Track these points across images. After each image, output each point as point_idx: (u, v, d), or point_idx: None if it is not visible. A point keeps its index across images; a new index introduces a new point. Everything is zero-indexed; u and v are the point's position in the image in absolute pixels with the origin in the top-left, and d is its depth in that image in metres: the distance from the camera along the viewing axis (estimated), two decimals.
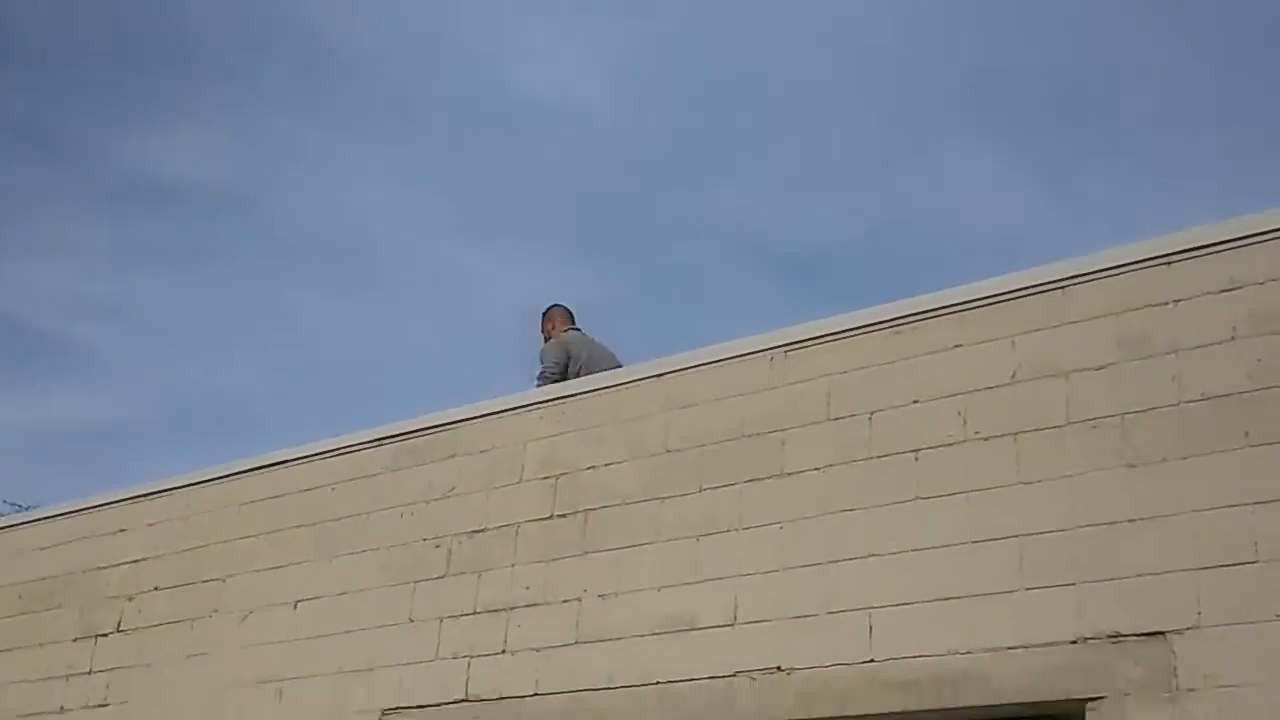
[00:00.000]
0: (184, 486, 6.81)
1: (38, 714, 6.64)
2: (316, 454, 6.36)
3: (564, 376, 7.17)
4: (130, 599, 6.63)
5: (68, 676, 6.65)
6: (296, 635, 5.91)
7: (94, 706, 6.45)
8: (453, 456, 5.86)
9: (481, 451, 5.77)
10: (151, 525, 6.78)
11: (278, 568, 6.18)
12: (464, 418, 5.91)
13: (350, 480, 6.14)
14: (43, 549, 7.17)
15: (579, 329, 7.87)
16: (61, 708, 6.58)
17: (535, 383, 7.23)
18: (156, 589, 6.56)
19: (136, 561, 6.74)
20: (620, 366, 7.08)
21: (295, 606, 5.99)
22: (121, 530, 6.89)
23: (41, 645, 6.85)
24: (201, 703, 6.04)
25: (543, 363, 7.50)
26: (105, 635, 6.62)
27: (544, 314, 8.00)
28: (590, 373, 7.02)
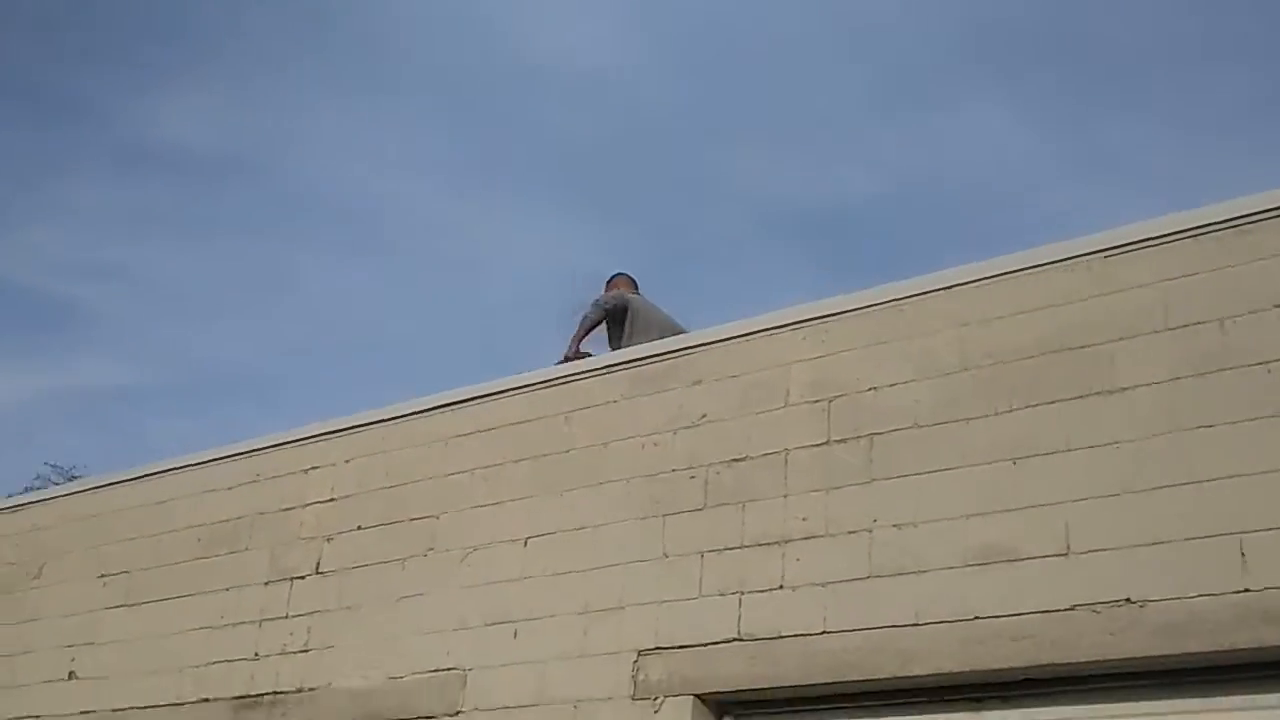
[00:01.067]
0: (378, 423, 6.40)
1: (228, 660, 6.25)
2: (530, 385, 5.95)
3: (607, 320, 7.75)
4: (329, 539, 6.23)
5: (260, 622, 6.25)
6: (530, 573, 5.50)
7: (294, 652, 6.06)
8: (699, 382, 5.43)
9: (733, 376, 5.34)
10: (348, 462, 6.37)
11: (497, 503, 5.76)
12: (709, 341, 5.48)
13: (578, 411, 5.72)
14: (222, 490, 6.77)
15: (641, 295, 8.11)
16: (256, 653, 6.18)
17: (578, 314, 7.80)
18: (359, 528, 6.15)
19: (331, 500, 6.34)
20: (679, 329, 7.36)
21: (525, 544, 5.58)
22: (312, 468, 6.49)
23: (227, 590, 6.46)
24: (422, 645, 5.63)
25: (596, 303, 7.89)
26: (302, 578, 6.23)
27: (609, 280, 8.26)
28: (647, 331, 7.42)
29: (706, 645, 4.93)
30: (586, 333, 7.89)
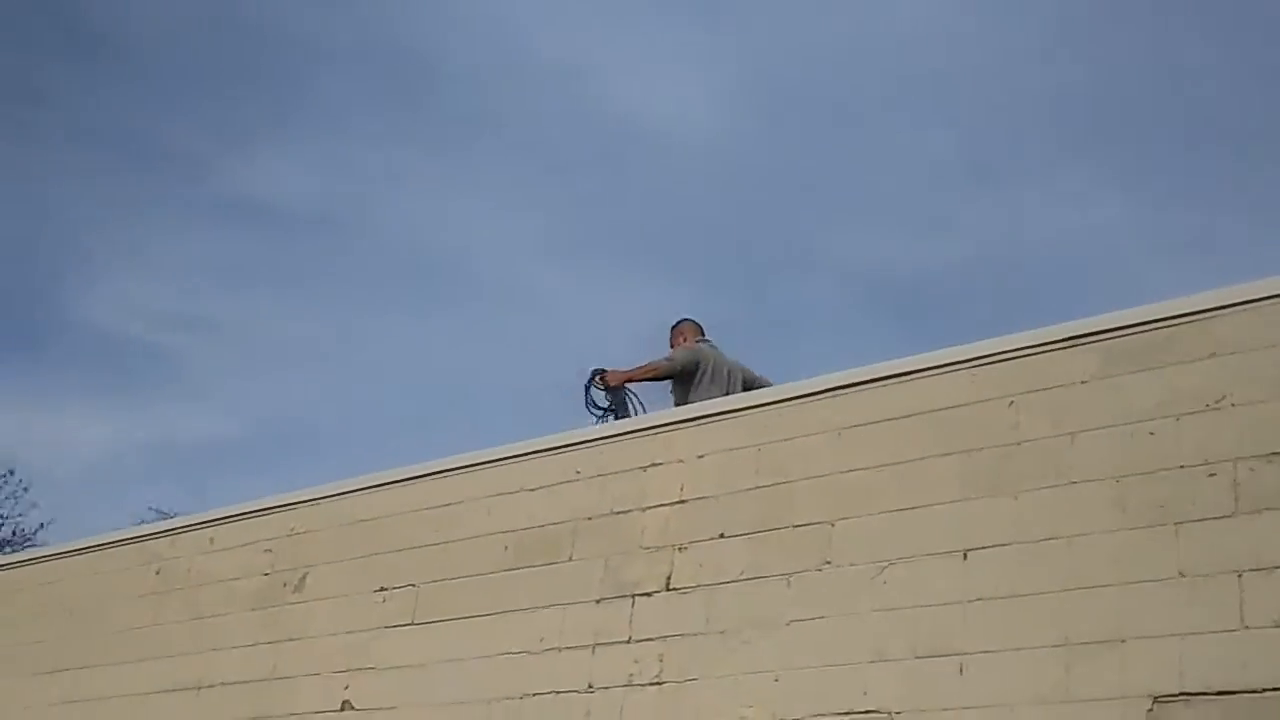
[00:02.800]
0: (741, 411, 5.31)
1: (554, 691, 5.15)
2: (955, 363, 4.80)
3: (675, 376, 7.28)
4: (680, 549, 5.12)
5: (594, 646, 5.15)
6: (972, 595, 4.33)
7: (643, 684, 4.94)
8: (1212, 356, 4.23)
9: (1270, 346, 4.13)
10: (701, 458, 5.27)
11: (917, 507, 4.60)
12: (1227, 304, 4.29)
13: (1027, 394, 4.56)
14: (537, 489, 5.72)
15: (710, 341, 7.59)
16: (590, 684, 5.07)
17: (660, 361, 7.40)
18: (722, 536, 5.04)
19: (681, 502, 5.24)
20: (759, 380, 7.18)
21: (965, 556, 4.41)
22: (653, 464, 5.40)
23: (548, 607, 5.37)
24: (826, 682, 4.47)
25: (669, 358, 7.40)
26: (648, 595, 5.11)
27: (674, 327, 7.71)
28: (718, 382, 7.11)
29: (1259, 693, 3.69)
30: (646, 378, 7.45)
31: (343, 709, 5.85)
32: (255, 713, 6.16)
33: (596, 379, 7.42)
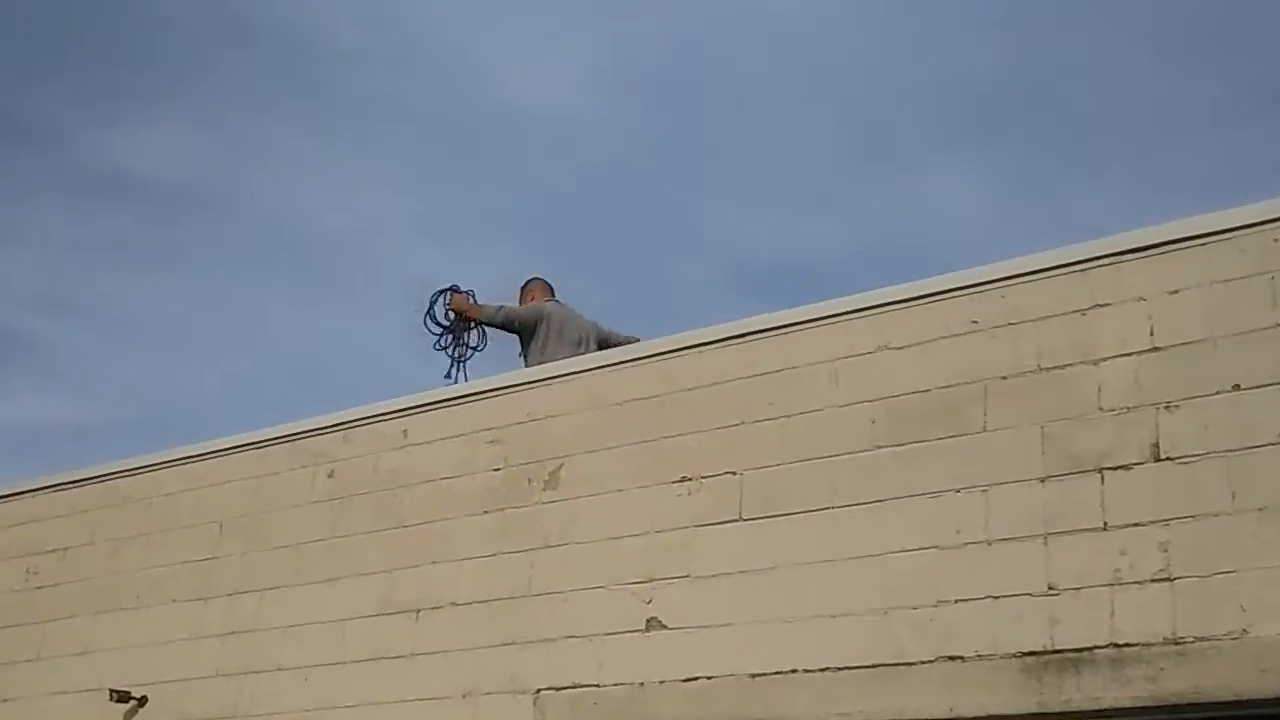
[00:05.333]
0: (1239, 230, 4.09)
1: (989, 596, 3.94)
2: None
3: (512, 330, 7.19)
4: (1169, 407, 3.91)
5: (1045, 536, 3.93)
6: None
7: (1140, 581, 3.73)
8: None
9: None
10: (1175, 293, 4.06)
11: None
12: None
13: None
14: (908, 347, 4.46)
15: (559, 301, 7.37)
16: (1051, 585, 3.85)
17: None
18: (1237, 388, 3.83)
19: (1155, 350, 4.03)
20: (616, 337, 7.00)
21: None
22: (1097, 305, 4.18)
23: (956, 491, 4.14)
24: None
25: (509, 308, 7.31)
26: (1125, 468, 3.90)
27: (523, 286, 7.52)
28: (565, 340, 6.93)
29: None
30: (479, 319, 7.33)
31: (649, 628, 4.56)
32: (510, 635, 4.86)
33: (446, 296, 7.36)
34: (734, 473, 4.65)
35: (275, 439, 6.06)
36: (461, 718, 4.83)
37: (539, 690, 4.71)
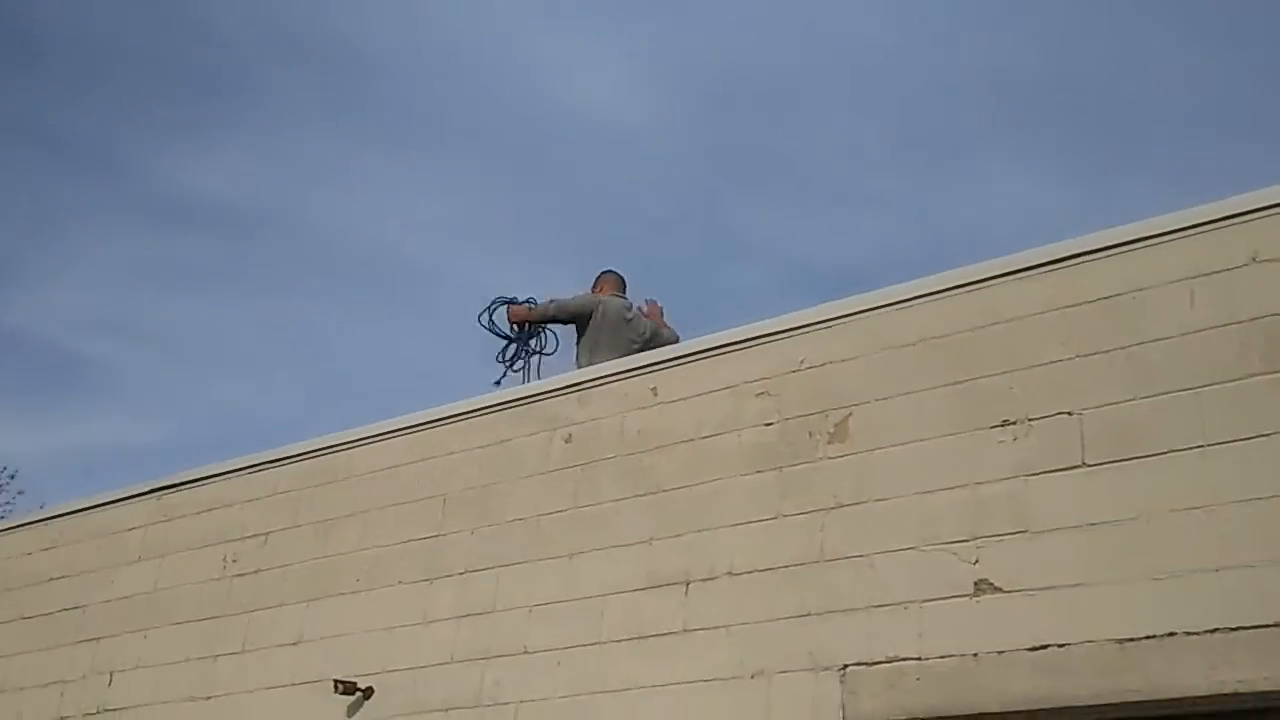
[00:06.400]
0: None
1: None
2: None
3: (565, 319, 7.03)
4: None
5: None
6: None
7: None
8: None
9: None
10: None
11: None
12: None
13: None
14: None
15: (625, 298, 7.21)
16: None
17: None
18: None
19: None
20: (663, 337, 6.83)
21: None
22: None
23: None
24: None
25: (555, 300, 7.12)
26: None
27: (596, 278, 7.34)
28: (620, 334, 6.77)
29: None
30: (532, 321, 7.20)
31: (978, 592, 3.95)
32: (803, 605, 4.27)
33: (502, 308, 7.24)
34: (1069, 413, 4.03)
35: (502, 403, 5.55)
36: (751, 699, 4.24)
37: (845, 666, 4.11)
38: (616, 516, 4.92)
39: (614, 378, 5.26)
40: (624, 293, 7.29)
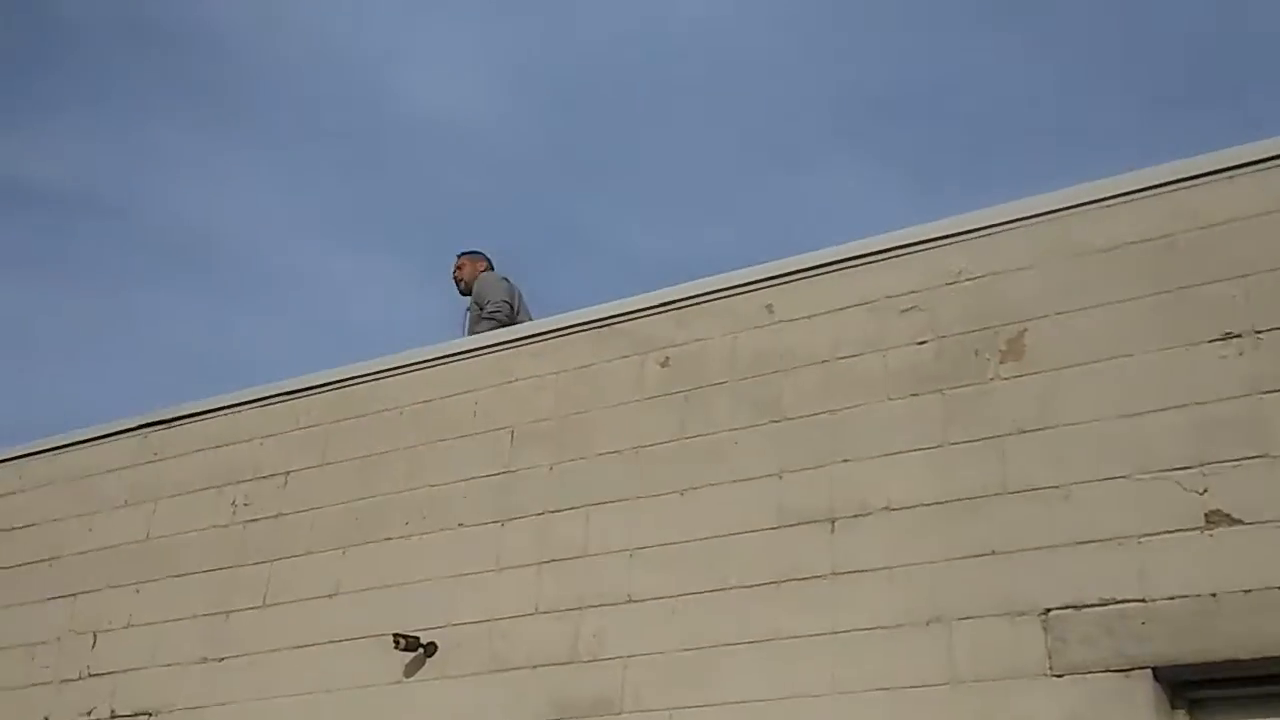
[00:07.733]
0: None
1: None
2: None
3: (512, 318, 6.54)
4: None
5: None
6: None
7: None
8: None
9: None
10: None
11: None
12: None
13: None
14: None
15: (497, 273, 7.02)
16: None
17: (484, 325, 6.34)
18: None
19: None
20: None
21: None
22: None
23: None
24: None
25: (490, 298, 6.62)
26: None
27: (464, 255, 7.08)
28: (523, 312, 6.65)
29: None
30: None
31: (1210, 524, 3.45)
32: (986, 543, 3.73)
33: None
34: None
35: (579, 325, 4.91)
36: (928, 649, 3.69)
37: (1048, 610, 3.58)
38: (735, 448, 4.32)
39: (718, 295, 4.65)
40: (492, 266, 7.11)
